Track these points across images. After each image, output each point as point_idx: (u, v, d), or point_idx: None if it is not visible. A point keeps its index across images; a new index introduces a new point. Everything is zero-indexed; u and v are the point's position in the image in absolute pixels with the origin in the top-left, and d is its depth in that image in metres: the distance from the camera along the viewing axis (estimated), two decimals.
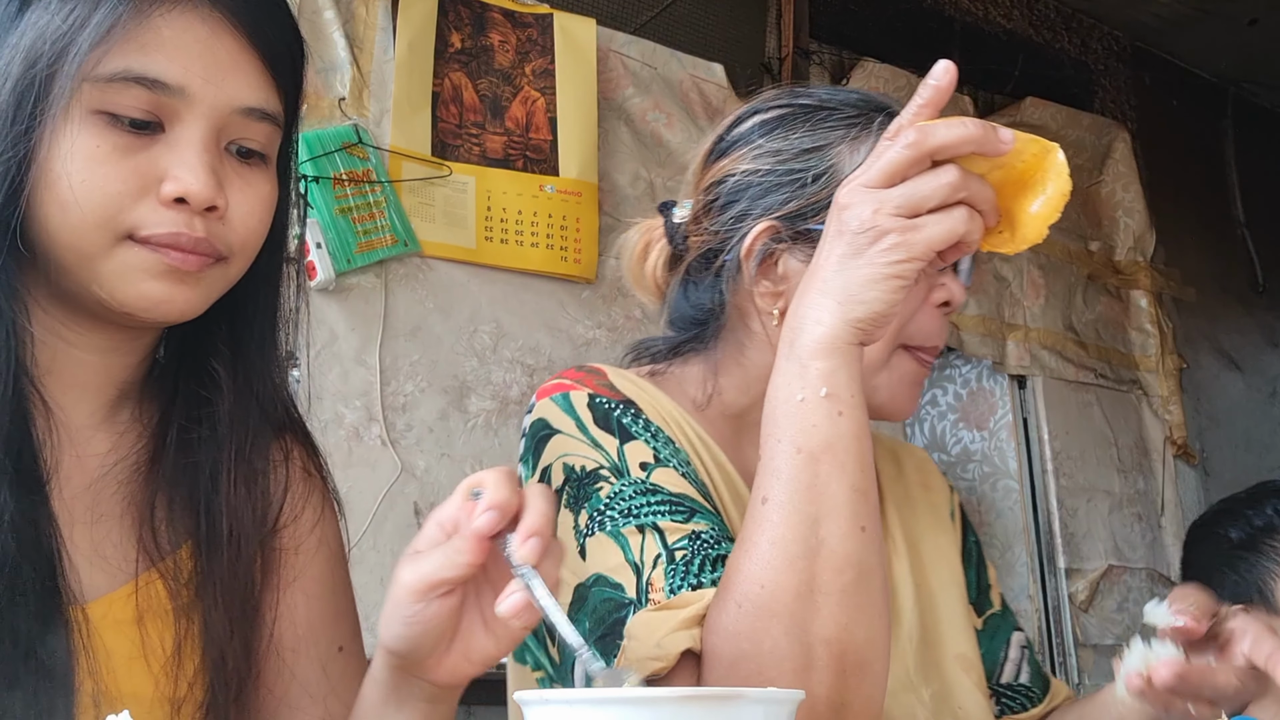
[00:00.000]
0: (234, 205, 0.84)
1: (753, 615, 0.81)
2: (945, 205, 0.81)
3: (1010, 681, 1.15)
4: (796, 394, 0.84)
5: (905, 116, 0.83)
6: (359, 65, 2.32)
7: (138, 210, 0.80)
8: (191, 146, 0.81)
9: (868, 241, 0.81)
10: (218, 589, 0.86)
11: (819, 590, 0.80)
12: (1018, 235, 0.84)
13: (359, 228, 2.24)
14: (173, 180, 0.80)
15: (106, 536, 0.86)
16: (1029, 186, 0.83)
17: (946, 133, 0.80)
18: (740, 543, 0.84)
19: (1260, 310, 4.26)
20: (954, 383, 3.40)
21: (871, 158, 0.84)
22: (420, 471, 2.27)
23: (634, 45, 2.74)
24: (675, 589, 0.87)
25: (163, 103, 0.80)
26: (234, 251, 0.85)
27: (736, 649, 0.81)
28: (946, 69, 0.82)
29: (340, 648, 0.94)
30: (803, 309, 0.85)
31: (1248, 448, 4.03)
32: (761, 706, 0.60)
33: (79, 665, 0.79)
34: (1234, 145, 4.29)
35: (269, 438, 0.93)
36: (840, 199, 0.84)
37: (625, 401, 1.00)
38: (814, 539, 0.81)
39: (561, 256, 2.51)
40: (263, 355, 0.93)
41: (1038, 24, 3.82)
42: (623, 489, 0.93)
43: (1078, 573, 3.23)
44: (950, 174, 0.80)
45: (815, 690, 0.79)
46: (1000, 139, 0.81)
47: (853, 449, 0.83)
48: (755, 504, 0.84)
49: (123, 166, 0.79)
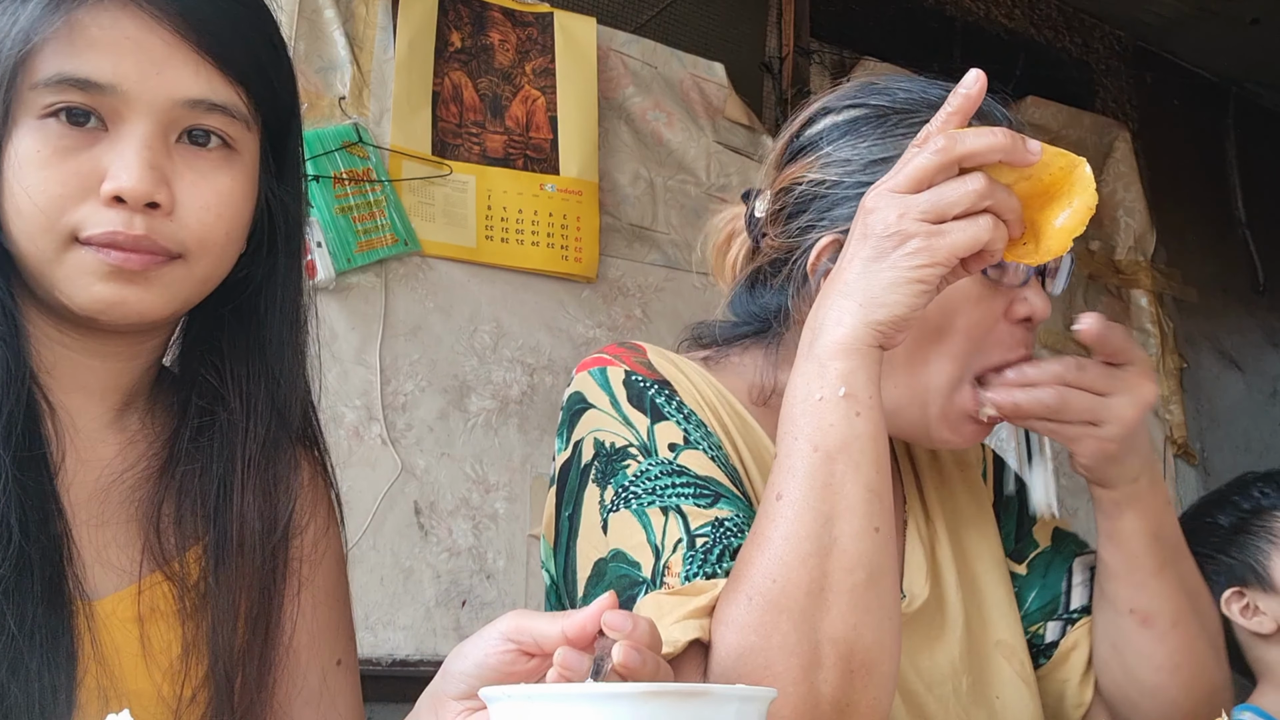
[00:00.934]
0: (185, 200, 0.82)
1: (762, 609, 0.81)
2: (971, 212, 0.81)
3: (1081, 605, 1.12)
4: (815, 393, 0.84)
5: (934, 124, 0.84)
6: (359, 64, 2.32)
7: (79, 211, 0.79)
8: (130, 144, 0.80)
9: (892, 245, 0.82)
10: (227, 597, 0.86)
11: (829, 589, 0.81)
12: (1041, 247, 0.85)
13: (359, 227, 2.24)
14: (110, 179, 0.79)
15: (112, 540, 0.86)
16: (1054, 198, 0.84)
17: (975, 141, 0.81)
18: (753, 537, 0.84)
19: (1261, 310, 4.25)
20: None
21: (900, 163, 0.85)
22: (420, 471, 2.27)
23: (634, 44, 2.74)
24: (690, 576, 0.87)
25: (100, 102, 0.79)
26: (189, 249, 0.83)
27: (745, 642, 0.81)
28: (977, 78, 0.83)
29: (339, 661, 0.94)
30: (824, 310, 0.86)
31: (1248, 448, 4.03)
32: (732, 704, 0.59)
33: (84, 654, 0.79)
34: (1235, 145, 4.28)
35: (287, 446, 0.92)
36: (866, 203, 0.85)
37: (661, 381, 0.99)
38: (827, 537, 0.81)
39: (562, 256, 2.51)
40: (282, 362, 0.92)
41: (1039, 23, 3.81)
42: (649, 468, 0.93)
43: None
44: (977, 181, 0.81)
45: (820, 689, 0.79)
46: (1028, 150, 0.82)
47: (869, 450, 0.83)
48: (770, 499, 0.84)
49: (64, 169, 0.79)
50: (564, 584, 0.97)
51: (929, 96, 1.02)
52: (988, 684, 1.06)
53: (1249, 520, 1.69)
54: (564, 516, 0.97)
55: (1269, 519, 1.67)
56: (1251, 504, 1.71)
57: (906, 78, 1.06)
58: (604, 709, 0.57)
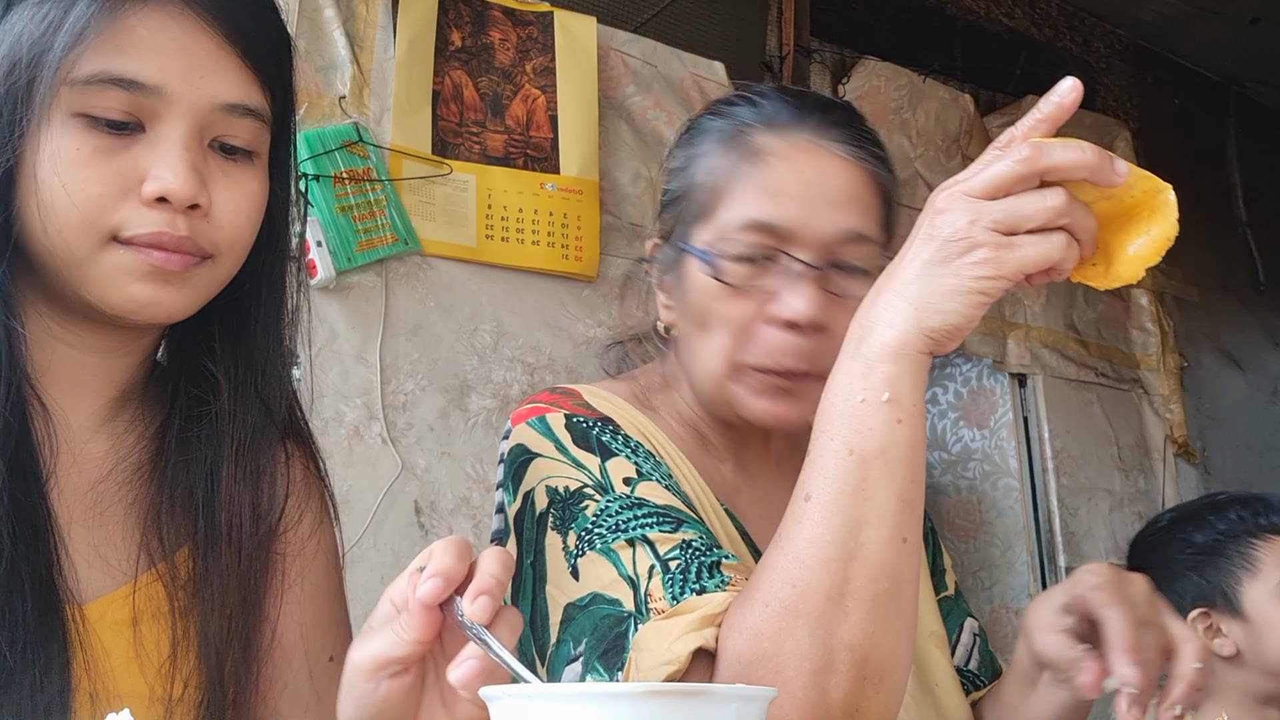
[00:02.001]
0: (219, 203, 0.84)
1: (778, 614, 0.79)
2: (1045, 228, 0.77)
3: (960, 666, 1.14)
4: (857, 394, 0.81)
5: (1020, 129, 0.79)
6: (359, 63, 2.32)
7: (120, 211, 0.80)
8: (172, 145, 0.80)
9: (959, 251, 0.77)
10: (215, 590, 0.86)
11: (850, 595, 0.79)
12: (1112, 272, 0.80)
13: (359, 226, 2.24)
14: (154, 180, 0.79)
15: (107, 538, 0.86)
16: (1132, 222, 0.79)
17: (1063, 155, 0.77)
18: (776, 540, 0.82)
19: (1262, 309, 4.25)
20: (954, 381, 3.40)
21: (977, 165, 0.80)
22: (421, 470, 2.27)
23: (635, 43, 2.74)
24: (678, 597, 0.86)
25: (141, 103, 0.80)
26: (220, 250, 0.85)
27: (756, 649, 0.80)
28: (1073, 86, 0.78)
29: (331, 658, 0.94)
30: (876, 309, 0.82)
31: (1249, 447, 4.03)
32: (732, 704, 0.58)
33: (76, 663, 0.78)
34: (1236, 144, 4.29)
35: (273, 438, 0.93)
36: (936, 203, 0.80)
37: (602, 419, 0.99)
38: (853, 543, 0.79)
39: (563, 255, 2.51)
40: (266, 355, 0.92)
41: (1039, 22, 3.81)
42: (608, 505, 0.92)
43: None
44: (1057, 197, 0.76)
45: (831, 695, 0.78)
46: (1115, 170, 0.77)
47: (906, 458, 0.80)
48: (798, 500, 0.82)
49: (104, 169, 0.79)
50: (531, 629, 0.95)
51: (734, 104, 1.07)
52: (928, 673, 1.07)
53: (1224, 544, 1.71)
54: (526, 564, 0.96)
55: (1245, 545, 1.69)
56: (1227, 526, 1.72)
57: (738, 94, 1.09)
58: (603, 708, 0.56)
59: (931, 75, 3.22)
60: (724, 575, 0.88)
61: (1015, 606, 3.15)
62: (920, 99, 3.16)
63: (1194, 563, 1.72)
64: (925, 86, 3.19)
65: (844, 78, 3.11)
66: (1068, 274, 0.80)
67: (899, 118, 3.11)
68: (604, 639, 0.87)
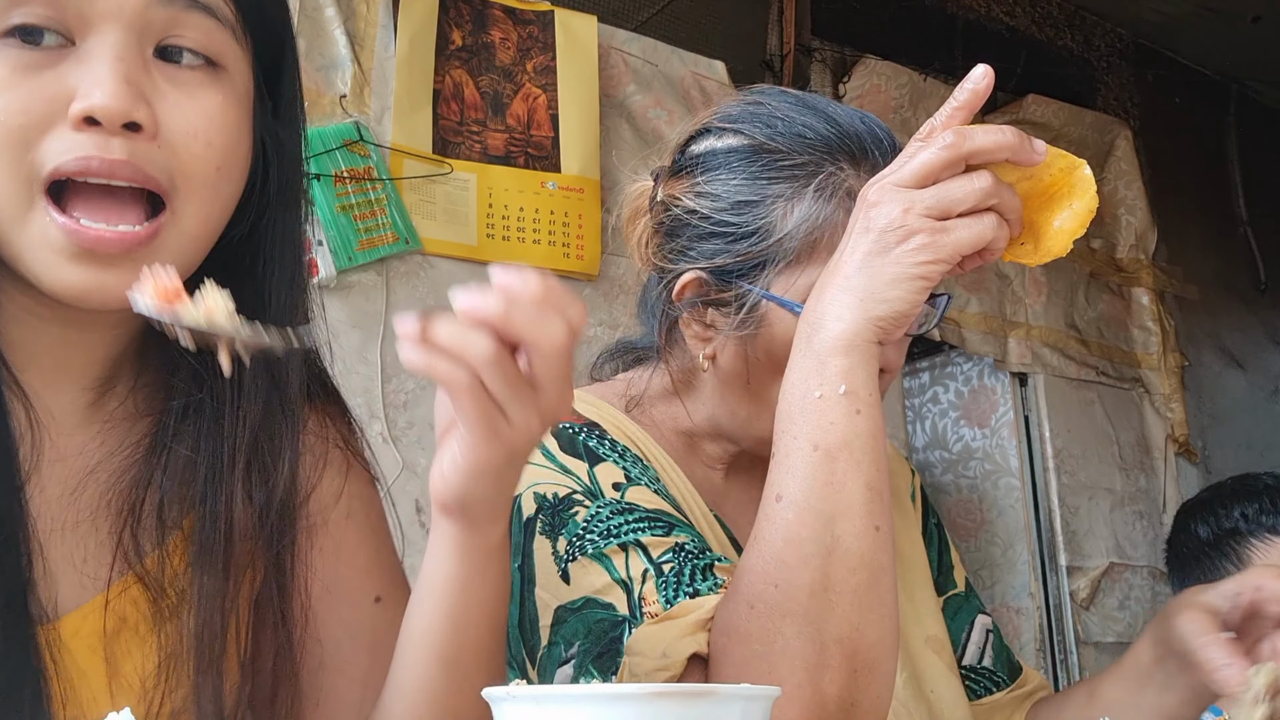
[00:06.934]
0: (169, 121, 0.70)
1: (766, 616, 0.80)
2: (975, 210, 0.80)
3: (973, 664, 1.14)
4: (814, 390, 0.83)
5: (939, 119, 0.82)
6: (360, 62, 2.32)
7: (46, 141, 0.67)
8: (101, 56, 0.68)
9: (895, 240, 0.80)
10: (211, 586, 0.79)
11: (832, 589, 0.80)
12: (1040, 248, 0.84)
13: (360, 225, 2.24)
14: (80, 97, 0.67)
15: (82, 542, 0.77)
16: (1054, 199, 0.84)
17: (985, 138, 0.80)
18: (753, 542, 0.83)
19: (1262, 308, 4.25)
20: (955, 380, 3.40)
21: (903, 156, 0.83)
22: (422, 469, 2.27)
23: (635, 42, 2.74)
24: (672, 600, 0.86)
25: (60, 10, 0.68)
26: (177, 185, 0.71)
27: (748, 650, 0.80)
28: (985, 73, 0.82)
29: (378, 598, 0.88)
30: (822, 305, 0.84)
31: (1249, 446, 4.03)
32: (737, 703, 0.58)
33: (52, 687, 0.71)
34: (1236, 143, 4.28)
35: (287, 416, 0.82)
36: (869, 196, 0.83)
37: (588, 424, 0.99)
38: (829, 537, 0.80)
39: (564, 253, 2.51)
40: (281, 323, 0.77)
41: (1040, 21, 3.81)
42: (599, 510, 0.92)
43: (1079, 570, 3.23)
44: (984, 179, 0.80)
45: (826, 690, 0.79)
46: (1034, 149, 0.81)
47: (869, 447, 0.82)
48: (769, 502, 0.83)
49: (26, 90, 0.67)
50: (520, 631, 0.94)
51: (808, 137, 0.97)
52: (922, 679, 1.07)
53: (1224, 540, 1.71)
54: (514, 567, 0.95)
55: (1242, 543, 1.69)
56: (1231, 524, 1.72)
57: (792, 105, 1.00)
58: (608, 709, 0.56)
59: (932, 74, 3.22)
60: (717, 578, 0.88)
61: (1016, 605, 3.15)
62: (921, 98, 3.16)
63: (1194, 556, 1.73)
64: (926, 85, 3.19)
65: (844, 77, 3.11)
66: (1000, 253, 0.84)
67: (899, 116, 3.10)
68: (598, 642, 0.88)
